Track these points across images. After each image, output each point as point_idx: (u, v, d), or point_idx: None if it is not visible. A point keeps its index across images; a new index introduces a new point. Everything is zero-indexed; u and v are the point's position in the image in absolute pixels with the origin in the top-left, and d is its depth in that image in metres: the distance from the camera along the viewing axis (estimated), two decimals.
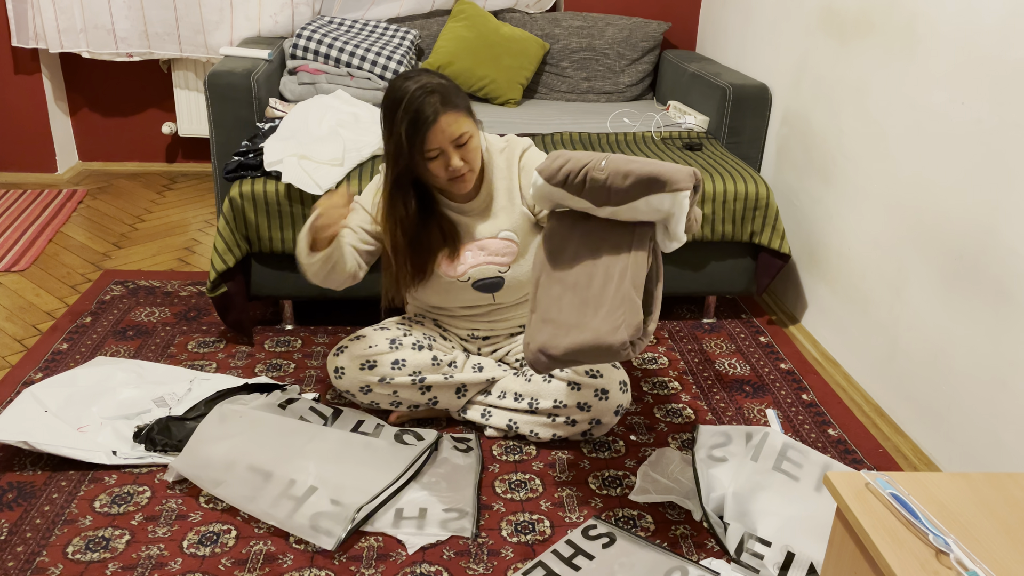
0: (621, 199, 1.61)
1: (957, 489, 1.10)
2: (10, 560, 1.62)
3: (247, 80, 2.74)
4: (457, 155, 1.82)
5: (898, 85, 2.15)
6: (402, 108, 1.78)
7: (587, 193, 1.63)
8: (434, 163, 1.83)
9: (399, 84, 1.81)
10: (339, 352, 2.00)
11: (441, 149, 1.80)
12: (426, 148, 1.80)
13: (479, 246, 1.98)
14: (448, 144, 1.80)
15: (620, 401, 1.95)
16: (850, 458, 2.04)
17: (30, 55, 3.60)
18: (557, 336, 1.59)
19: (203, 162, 4.03)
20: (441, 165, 1.83)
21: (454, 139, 1.80)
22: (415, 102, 1.76)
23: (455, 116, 1.79)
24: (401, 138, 1.79)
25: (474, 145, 1.85)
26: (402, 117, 1.78)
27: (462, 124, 1.81)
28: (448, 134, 1.79)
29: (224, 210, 2.32)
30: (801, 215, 2.69)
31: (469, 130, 1.83)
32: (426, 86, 1.78)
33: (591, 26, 3.46)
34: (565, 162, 1.64)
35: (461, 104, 1.82)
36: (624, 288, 1.59)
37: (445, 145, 1.80)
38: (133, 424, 1.98)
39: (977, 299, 1.85)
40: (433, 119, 1.77)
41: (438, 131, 1.78)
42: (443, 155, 1.82)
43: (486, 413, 2.05)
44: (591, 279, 1.64)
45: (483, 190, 1.97)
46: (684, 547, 1.72)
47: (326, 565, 1.63)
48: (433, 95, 1.77)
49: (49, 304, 2.67)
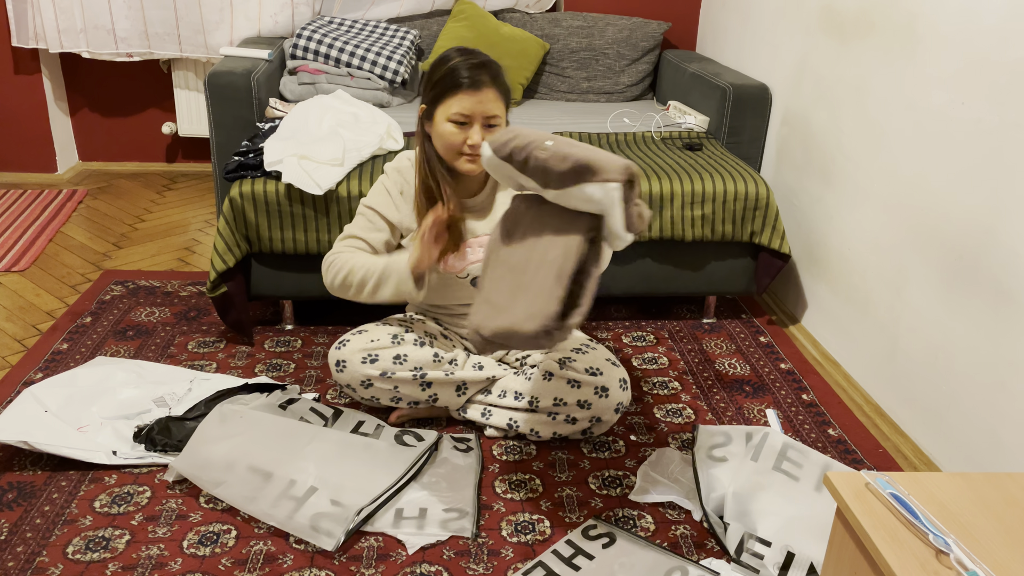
0: (559, 183, 1.54)
1: (957, 489, 1.10)
2: (10, 560, 1.62)
3: (247, 80, 2.74)
4: (481, 133, 1.81)
5: (898, 85, 2.15)
6: (448, 66, 1.77)
7: (531, 171, 1.57)
8: (455, 129, 1.80)
9: (450, 52, 1.81)
10: (341, 345, 2.00)
11: (470, 118, 1.79)
12: (457, 110, 1.78)
13: (479, 243, 1.97)
14: (479, 116, 1.79)
15: (620, 399, 1.95)
16: (850, 458, 2.04)
17: (30, 55, 3.60)
18: (489, 317, 1.55)
19: (203, 162, 4.03)
20: (461, 134, 1.81)
21: (486, 115, 1.79)
22: (463, 66, 1.76)
23: (496, 96, 1.79)
24: (436, 90, 1.77)
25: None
26: (446, 73, 1.77)
27: (499, 107, 1.81)
28: (483, 108, 1.78)
29: (224, 210, 2.32)
30: (801, 215, 2.69)
31: (501, 116, 1.82)
32: (479, 59, 1.78)
33: (591, 26, 3.46)
34: (513, 137, 1.59)
35: (504, 92, 1.83)
36: (548, 277, 1.54)
37: (476, 116, 1.78)
38: (133, 424, 1.98)
39: (977, 299, 1.85)
40: (476, 86, 1.76)
41: (476, 99, 1.77)
42: (468, 125, 1.79)
43: (486, 412, 2.05)
44: (527, 264, 1.58)
45: (487, 187, 1.97)
46: (684, 547, 1.72)
47: (326, 565, 1.63)
48: (485, 69, 1.77)
49: (49, 304, 2.67)
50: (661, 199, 2.46)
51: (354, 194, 2.34)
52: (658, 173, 2.51)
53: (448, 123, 1.80)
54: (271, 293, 2.48)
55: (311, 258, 2.43)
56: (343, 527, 1.69)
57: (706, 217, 2.49)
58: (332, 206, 2.34)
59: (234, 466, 1.80)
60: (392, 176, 1.98)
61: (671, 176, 2.49)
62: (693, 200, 2.47)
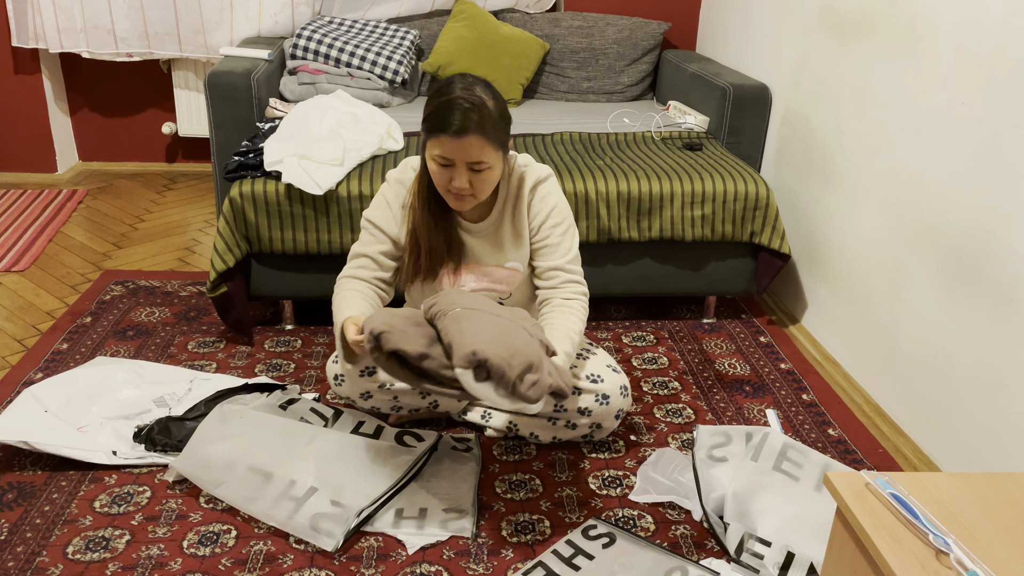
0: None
1: (957, 489, 1.10)
2: (10, 560, 1.62)
3: (247, 80, 2.74)
4: (466, 176, 1.70)
5: (898, 85, 2.15)
6: (439, 102, 1.68)
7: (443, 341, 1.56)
8: (438, 169, 1.73)
9: (451, 81, 1.72)
10: (338, 359, 2.00)
11: (453, 162, 1.70)
12: (439, 152, 1.69)
13: (483, 272, 1.91)
14: (462, 162, 1.69)
15: (621, 406, 1.95)
16: (850, 458, 2.04)
17: (30, 55, 3.60)
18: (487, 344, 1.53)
19: (203, 162, 4.03)
20: (445, 175, 1.72)
21: (470, 161, 1.69)
22: (452, 106, 1.65)
23: (481, 144, 1.67)
24: (426, 124, 1.71)
25: (489, 177, 1.73)
26: (435, 110, 1.69)
27: (485, 154, 1.68)
28: (466, 154, 1.68)
29: (224, 210, 2.32)
30: (801, 215, 2.69)
31: (490, 162, 1.70)
32: (472, 100, 1.66)
33: (591, 26, 3.46)
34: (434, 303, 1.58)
35: (495, 137, 1.69)
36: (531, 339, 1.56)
37: (458, 161, 1.69)
38: (133, 424, 1.98)
39: (977, 299, 1.85)
40: (459, 133, 1.65)
41: (458, 145, 1.67)
42: (452, 167, 1.71)
43: (486, 415, 2.05)
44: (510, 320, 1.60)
45: (493, 212, 1.87)
46: (684, 547, 1.72)
47: (326, 565, 1.63)
48: (473, 112, 1.65)
49: (49, 304, 2.67)
50: (661, 199, 2.46)
51: (354, 194, 2.34)
52: (658, 173, 2.51)
53: (433, 161, 1.72)
54: (271, 293, 2.48)
55: (311, 258, 2.43)
56: (343, 528, 1.69)
57: (706, 217, 2.49)
58: (332, 206, 2.34)
59: (234, 466, 1.80)
60: (394, 187, 1.89)
61: (671, 176, 2.49)
62: (693, 200, 2.47)
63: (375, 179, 2.38)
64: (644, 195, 2.45)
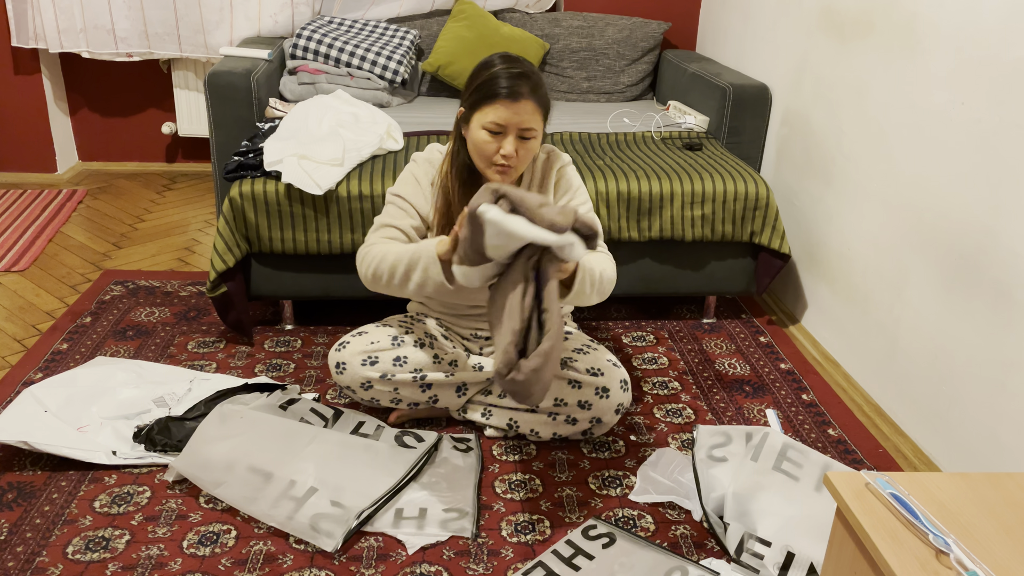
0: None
1: (957, 489, 1.10)
2: (10, 560, 1.62)
3: (247, 80, 2.74)
4: (515, 144, 1.77)
5: (898, 85, 2.15)
6: (489, 73, 1.74)
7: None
8: (488, 138, 1.77)
9: (491, 58, 1.78)
10: (341, 347, 2.00)
11: (505, 128, 1.75)
12: (492, 119, 1.75)
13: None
14: (514, 128, 1.76)
15: (621, 400, 1.95)
16: (850, 458, 2.04)
17: (30, 55, 3.60)
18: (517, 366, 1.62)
19: (203, 162, 4.03)
20: (494, 143, 1.77)
21: (521, 127, 1.76)
22: (504, 74, 1.73)
23: (534, 108, 1.75)
24: (475, 96, 1.75)
25: (532, 147, 1.80)
26: (486, 80, 1.74)
27: (536, 119, 1.77)
28: (519, 119, 1.75)
29: (224, 210, 2.32)
30: (801, 215, 2.69)
31: (537, 128, 1.78)
32: (521, 68, 1.75)
33: (591, 26, 3.46)
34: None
35: (543, 104, 1.79)
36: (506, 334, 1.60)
37: (511, 126, 1.75)
38: (133, 424, 1.98)
39: (977, 299, 1.85)
40: (514, 96, 1.73)
41: (513, 110, 1.73)
42: (502, 135, 1.76)
43: (486, 412, 2.05)
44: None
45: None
46: (684, 547, 1.72)
47: (326, 565, 1.63)
48: (525, 79, 1.74)
49: (49, 304, 2.67)
50: (661, 199, 2.46)
51: (354, 194, 2.34)
52: (658, 173, 2.51)
53: (483, 131, 1.77)
54: (271, 293, 2.48)
55: (311, 258, 2.43)
56: (343, 528, 1.69)
57: (706, 217, 2.49)
58: (332, 206, 2.34)
59: (234, 466, 1.80)
60: (423, 167, 1.94)
61: (671, 176, 2.49)
62: (693, 200, 2.47)
63: (375, 179, 2.38)
64: (644, 195, 2.45)
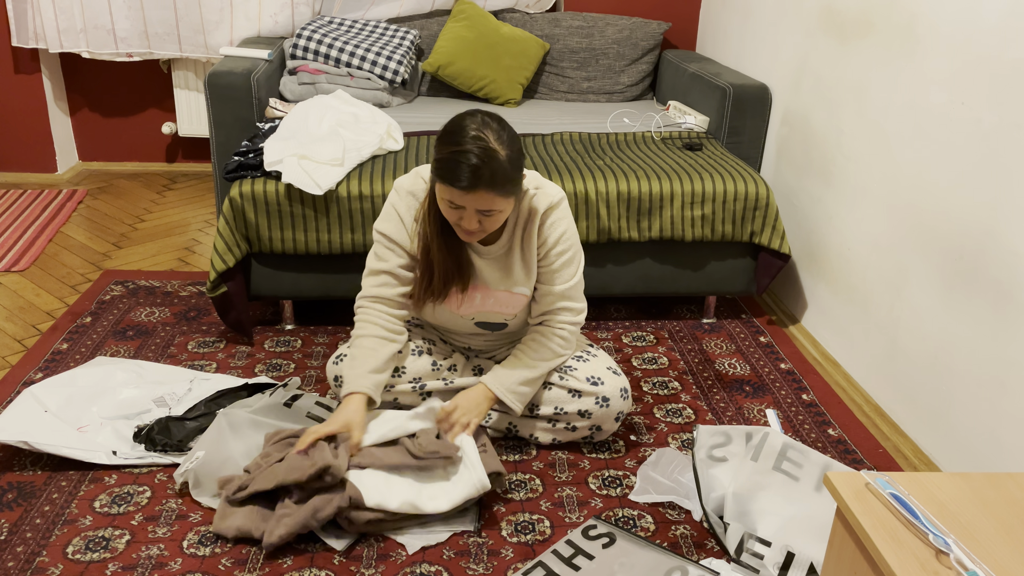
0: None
1: (957, 489, 1.10)
2: (10, 560, 1.62)
3: (247, 80, 2.74)
4: (475, 219, 1.71)
5: (898, 85, 2.15)
6: (450, 151, 1.65)
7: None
8: (449, 209, 1.72)
9: (463, 124, 1.68)
10: (339, 361, 2.00)
11: (463, 207, 1.69)
12: (448, 198, 1.69)
13: (490, 295, 1.91)
14: (471, 209, 1.69)
15: (621, 408, 1.94)
16: (850, 458, 2.04)
17: (30, 55, 3.60)
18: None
19: (203, 162, 4.03)
20: (455, 215, 1.72)
21: (479, 209, 1.69)
22: (462, 160, 1.63)
23: (491, 197, 1.66)
24: (436, 166, 1.68)
25: (499, 219, 1.73)
26: (447, 157, 1.65)
27: (495, 203, 1.68)
28: (476, 204, 1.68)
29: (224, 210, 2.32)
30: (801, 215, 2.69)
31: (500, 208, 1.70)
32: (483, 152, 1.63)
33: (591, 26, 3.46)
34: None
35: (505, 189, 1.68)
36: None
37: (468, 207, 1.69)
38: (133, 424, 1.98)
39: (977, 299, 1.85)
40: (469, 189, 1.64)
41: (467, 198, 1.67)
42: (463, 210, 1.70)
43: (486, 416, 2.04)
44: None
45: (503, 237, 1.87)
46: (684, 547, 1.72)
47: (326, 565, 1.63)
48: (484, 168, 1.63)
49: (49, 304, 2.67)
50: (661, 199, 2.46)
51: (354, 194, 2.35)
52: (658, 173, 2.51)
53: (442, 202, 1.72)
54: (271, 293, 2.48)
55: (311, 258, 2.43)
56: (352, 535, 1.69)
57: (706, 217, 2.49)
58: (332, 206, 2.34)
59: None
60: (405, 200, 1.86)
61: (671, 176, 2.49)
62: (693, 200, 2.47)
63: (375, 179, 2.38)
64: (644, 195, 2.45)
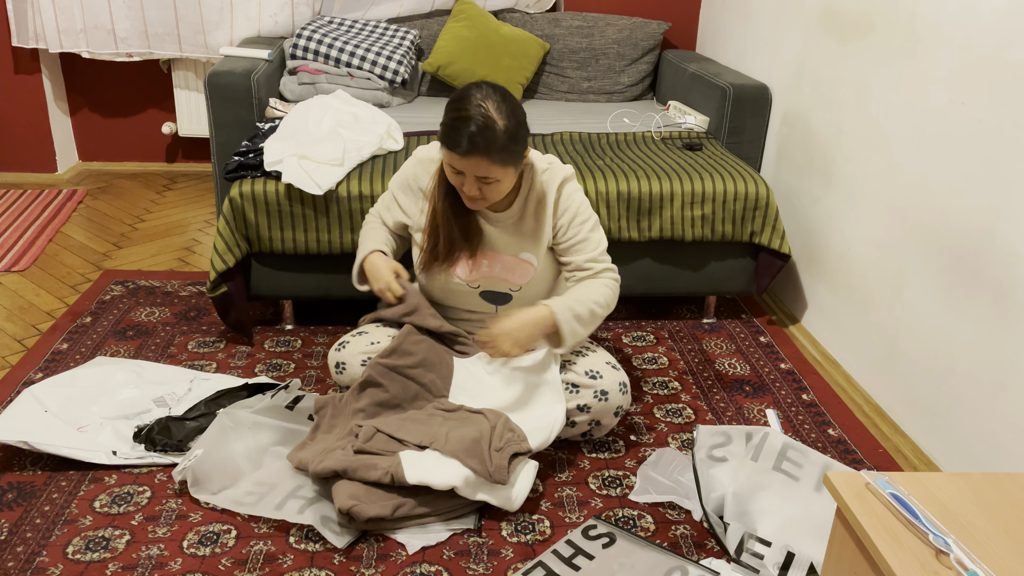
0: None
1: (957, 489, 1.10)
2: (10, 560, 1.62)
3: (247, 80, 2.74)
4: (476, 185, 1.78)
5: (898, 85, 2.15)
6: (451, 117, 1.73)
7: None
8: (452, 173, 1.80)
9: (469, 92, 1.75)
10: (341, 347, 2.00)
11: (463, 172, 1.78)
12: (449, 162, 1.78)
13: (498, 259, 1.95)
14: (470, 174, 1.77)
15: (620, 402, 1.95)
16: (850, 458, 2.04)
17: (30, 55, 3.60)
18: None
19: (203, 162, 4.03)
20: (457, 180, 1.81)
21: (477, 175, 1.77)
22: (461, 126, 1.71)
23: (487, 164, 1.73)
24: (441, 132, 1.77)
25: (499, 188, 1.80)
26: (449, 124, 1.74)
27: (492, 171, 1.75)
28: (474, 169, 1.76)
29: (224, 210, 2.32)
30: (801, 215, 2.69)
31: (498, 177, 1.77)
32: (483, 121, 1.70)
33: (591, 26, 3.46)
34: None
35: (502, 158, 1.74)
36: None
37: (467, 172, 1.77)
38: (133, 424, 1.98)
39: (977, 299, 1.85)
40: (467, 154, 1.72)
41: (466, 163, 1.74)
42: (463, 175, 1.79)
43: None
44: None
45: (515, 205, 1.93)
46: (684, 547, 1.72)
47: (326, 565, 1.63)
48: (479, 136, 1.70)
49: (49, 304, 2.67)
50: (661, 199, 2.46)
51: (354, 194, 2.34)
52: (658, 173, 2.51)
53: (446, 166, 1.81)
54: (271, 293, 2.48)
55: (311, 258, 2.43)
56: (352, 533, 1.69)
57: (706, 217, 2.49)
58: (332, 206, 2.34)
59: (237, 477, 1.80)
60: (424, 166, 1.98)
61: (671, 176, 2.49)
62: (693, 200, 2.47)
63: (375, 179, 2.38)
64: (644, 195, 2.45)
